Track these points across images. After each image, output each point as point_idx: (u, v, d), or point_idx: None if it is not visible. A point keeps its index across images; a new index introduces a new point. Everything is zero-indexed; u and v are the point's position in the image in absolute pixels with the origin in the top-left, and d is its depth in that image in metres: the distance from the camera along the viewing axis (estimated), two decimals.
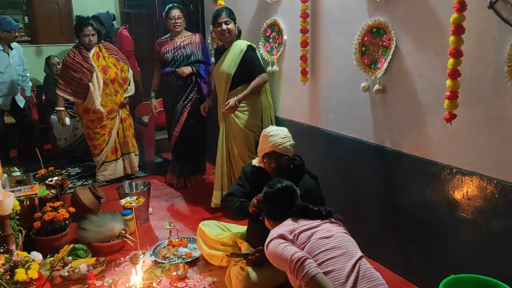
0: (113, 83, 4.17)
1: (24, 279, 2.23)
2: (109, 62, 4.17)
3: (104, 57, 4.15)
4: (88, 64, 4.01)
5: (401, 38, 2.44)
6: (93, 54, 4.08)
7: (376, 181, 2.76)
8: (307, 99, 3.30)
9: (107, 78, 4.11)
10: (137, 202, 2.92)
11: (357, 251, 2.00)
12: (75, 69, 3.99)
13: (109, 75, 4.13)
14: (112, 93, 4.17)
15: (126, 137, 4.38)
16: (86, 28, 4.00)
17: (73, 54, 4.03)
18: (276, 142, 2.51)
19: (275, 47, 3.55)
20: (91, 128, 4.21)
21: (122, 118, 4.33)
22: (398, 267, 2.71)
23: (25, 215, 2.97)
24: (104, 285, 2.63)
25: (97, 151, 4.27)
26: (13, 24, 4.63)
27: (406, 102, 2.48)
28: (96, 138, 4.22)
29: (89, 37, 4.00)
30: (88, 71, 4.00)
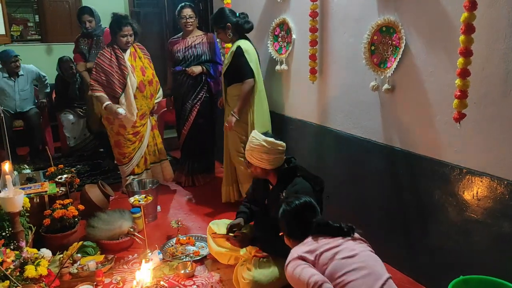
0: (150, 84, 3.94)
1: (33, 276, 2.25)
2: (145, 63, 3.95)
3: (140, 57, 3.94)
4: (123, 66, 3.75)
5: (411, 37, 2.42)
6: (129, 55, 3.84)
7: (385, 181, 2.75)
8: (316, 98, 3.29)
9: (145, 80, 3.87)
10: (145, 200, 2.93)
11: (383, 271, 1.88)
12: (111, 71, 3.73)
13: (147, 76, 3.90)
14: (148, 95, 3.93)
15: (155, 145, 4.15)
16: (125, 27, 3.71)
17: (109, 55, 3.76)
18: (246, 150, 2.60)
19: (283, 46, 3.54)
20: (122, 134, 3.86)
21: (153, 126, 4.11)
22: (406, 267, 2.69)
23: (35, 212, 3.00)
24: (113, 283, 2.65)
25: (126, 160, 3.95)
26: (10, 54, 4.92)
27: (416, 102, 2.47)
28: (126, 146, 3.89)
29: (127, 38, 3.73)
30: (123, 73, 3.74)
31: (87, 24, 4.45)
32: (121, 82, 3.75)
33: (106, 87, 3.75)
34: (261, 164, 2.53)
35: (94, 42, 4.54)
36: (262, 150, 2.48)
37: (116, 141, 3.91)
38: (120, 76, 3.74)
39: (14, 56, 4.94)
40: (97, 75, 3.76)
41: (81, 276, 2.66)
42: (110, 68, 3.73)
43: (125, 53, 3.80)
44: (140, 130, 3.92)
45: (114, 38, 3.77)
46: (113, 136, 3.91)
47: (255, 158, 2.53)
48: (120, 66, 3.74)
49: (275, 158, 2.51)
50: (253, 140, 2.56)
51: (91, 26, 4.47)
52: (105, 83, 3.75)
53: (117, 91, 3.74)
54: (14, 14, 6.91)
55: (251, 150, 2.55)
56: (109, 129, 3.92)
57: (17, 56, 4.96)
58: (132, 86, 3.77)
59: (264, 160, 2.50)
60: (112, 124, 3.85)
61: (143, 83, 3.85)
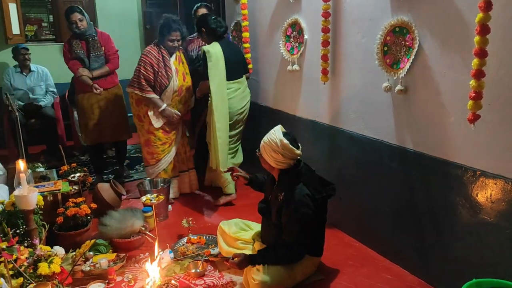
0: (188, 91, 3.87)
1: (46, 273, 2.28)
2: (186, 68, 3.89)
3: (183, 62, 3.87)
4: (169, 68, 3.68)
5: (425, 37, 2.40)
6: (175, 58, 3.77)
7: (397, 182, 2.73)
8: (328, 99, 3.28)
9: (184, 85, 3.81)
10: (157, 200, 2.95)
11: None
12: (158, 70, 3.64)
13: (187, 82, 3.85)
14: (183, 101, 3.86)
15: (185, 153, 4.06)
16: (175, 32, 3.64)
17: (156, 53, 3.67)
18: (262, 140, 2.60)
19: (295, 46, 3.54)
20: (152, 132, 3.77)
21: (183, 133, 4.03)
22: (418, 269, 2.67)
23: (49, 210, 3.04)
24: (124, 281, 2.67)
25: (153, 161, 3.84)
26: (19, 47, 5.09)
27: (429, 103, 2.45)
28: (156, 146, 3.80)
29: (174, 43, 3.67)
30: (168, 75, 3.67)
31: (78, 23, 4.03)
32: (163, 84, 3.67)
33: (151, 87, 3.67)
34: (269, 159, 2.52)
35: (90, 45, 4.09)
36: (274, 148, 2.47)
37: (146, 140, 3.83)
38: (164, 77, 3.66)
39: (23, 49, 5.12)
40: (147, 75, 3.63)
41: (93, 274, 2.69)
42: (158, 67, 3.64)
43: (171, 55, 3.74)
44: (169, 130, 3.84)
45: (162, 39, 3.69)
46: (144, 135, 3.84)
47: (266, 151, 2.52)
48: (165, 67, 3.67)
49: (284, 161, 2.49)
50: (271, 134, 2.53)
51: (83, 25, 4.05)
52: (152, 82, 3.66)
53: (157, 92, 3.68)
54: (29, 14, 7.02)
55: (265, 143, 2.53)
56: (140, 127, 3.85)
57: (26, 49, 5.12)
58: (173, 89, 3.72)
59: (273, 158, 2.50)
60: (143, 122, 3.79)
61: (182, 88, 3.79)
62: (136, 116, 3.83)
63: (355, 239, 3.15)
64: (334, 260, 2.86)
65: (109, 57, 4.19)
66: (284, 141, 2.45)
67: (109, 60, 4.19)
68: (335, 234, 3.23)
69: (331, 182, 2.67)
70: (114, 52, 4.24)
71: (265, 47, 4.07)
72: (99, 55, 4.14)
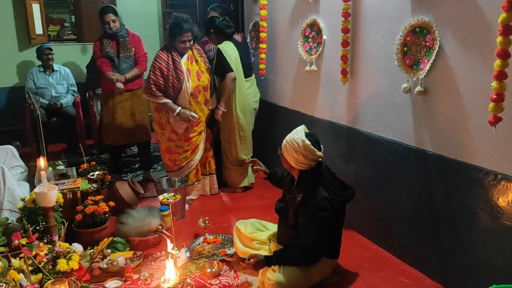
0: (205, 90, 3.75)
1: (65, 270, 2.31)
2: (202, 66, 3.75)
3: (197, 60, 3.74)
4: (179, 71, 3.59)
5: (446, 38, 2.36)
6: (187, 58, 3.66)
7: (416, 185, 2.69)
8: (346, 100, 3.25)
9: (200, 85, 3.68)
10: (174, 199, 2.96)
11: None
12: (168, 75, 3.58)
13: (202, 81, 3.71)
14: (202, 101, 3.74)
15: (205, 158, 3.97)
16: (186, 33, 3.55)
17: (166, 57, 3.60)
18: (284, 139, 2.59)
19: (314, 47, 3.52)
20: (173, 140, 3.75)
21: (206, 137, 3.92)
22: (436, 274, 2.62)
23: (68, 207, 3.09)
24: (141, 279, 2.69)
25: (175, 167, 3.81)
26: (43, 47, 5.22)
27: (449, 104, 2.40)
28: (178, 153, 3.77)
29: (185, 43, 3.59)
30: (179, 78, 3.58)
31: (111, 24, 4.04)
32: (176, 88, 3.60)
33: (162, 91, 3.62)
34: (290, 159, 2.51)
35: (121, 45, 4.12)
36: (296, 148, 2.45)
37: (167, 147, 3.79)
38: (175, 81, 3.59)
39: (47, 49, 5.24)
40: (157, 80, 3.60)
41: (111, 271, 2.71)
42: (168, 72, 3.58)
43: (182, 56, 3.65)
44: (192, 138, 3.76)
45: (172, 41, 3.62)
46: (164, 142, 3.80)
47: (288, 151, 2.50)
48: (176, 70, 3.59)
49: (304, 162, 2.47)
50: (294, 134, 2.52)
51: (116, 26, 4.07)
52: (163, 88, 3.61)
53: (171, 96, 3.63)
54: (52, 15, 7.14)
55: (287, 142, 2.51)
56: (160, 134, 3.81)
57: (50, 49, 5.25)
58: (187, 92, 3.62)
59: (294, 158, 2.47)
60: (164, 129, 3.74)
61: (198, 89, 3.67)
62: (157, 123, 3.78)
63: (372, 241, 3.12)
64: (351, 262, 2.84)
65: (138, 59, 4.18)
66: (306, 142, 2.43)
67: (138, 62, 4.19)
68: (352, 236, 3.20)
69: (351, 186, 2.64)
70: (144, 55, 4.24)
71: (283, 48, 4.06)
72: (128, 56, 4.15)
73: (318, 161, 2.51)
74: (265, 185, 3.77)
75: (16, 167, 3.56)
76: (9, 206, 2.90)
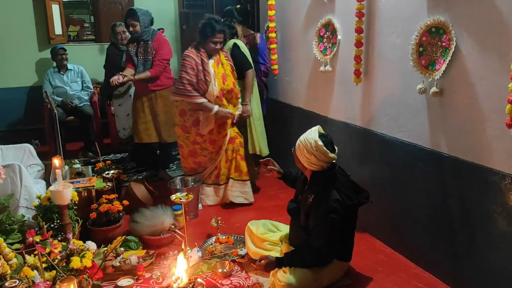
0: (230, 93, 3.67)
1: (78, 267, 2.34)
2: (227, 70, 3.68)
3: (222, 63, 3.66)
4: (207, 72, 3.51)
5: (462, 38, 2.31)
6: (214, 61, 3.59)
7: (430, 187, 2.64)
8: (360, 101, 3.22)
9: (224, 88, 3.61)
10: (186, 198, 2.97)
11: None
12: (197, 75, 3.50)
13: (227, 84, 3.63)
14: (226, 105, 3.67)
15: (234, 159, 3.81)
16: (219, 34, 3.49)
17: (196, 56, 3.52)
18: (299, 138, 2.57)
19: (328, 47, 3.49)
20: (199, 143, 3.68)
21: (231, 137, 3.78)
22: (450, 278, 2.57)
23: (83, 205, 3.13)
24: (153, 278, 2.70)
25: (201, 169, 3.78)
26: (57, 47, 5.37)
27: (465, 106, 2.35)
28: (203, 155, 3.72)
29: (217, 45, 3.52)
30: (206, 80, 3.51)
31: (131, 28, 4.06)
32: (201, 89, 3.52)
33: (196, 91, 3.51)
34: (302, 159, 2.49)
35: (142, 48, 4.14)
36: (308, 149, 2.42)
37: (191, 151, 3.73)
38: (202, 82, 3.51)
39: (60, 49, 5.38)
40: (191, 79, 3.49)
41: (123, 270, 2.74)
42: (197, 71, 3.51)
43: (211, 58, 3.59)
44: (217, 140, 3.70)
45: (202, 41, 3.53)
46: (188, 146, 3.72)
47: (300, 151, 2.48)
48: (204, 71, 3.52)
49: (317, 163, 2.44)
50: (307, 134, 2.49)
51: (135, 30, 4.05)
52: (196, 87, 3.51)
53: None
54: (72, 15, 7.27)
55: (300, 142, 2.48)
56: (184, 138, 3.73)
57: (64, 50, 5.38)
58: (213, 94, 3.55)
59: (306, 158, 2.45)
60: (189, 133, 3.68)
61: (222, 92, 3.60)
62: (180, 127, 3.72)
63: (386, 244, 3.08)
64: (364, 265, 2.80)
65: (154, 62, 4.13)
66: (319, 143, 2.40)
67: (153, 65, 4.14)
68: (365, 238, 3.17)
69: (365, 189, 2.60)
70: (160, 59, 4.13)
71: (298, 48, 4.04)
72: (147, 60, 4.13)
73: (331, 162, 2.49)
74: (278, 185, 3.76)
75: (33, 165, 3.63)
76: (26, 204, 2.96)
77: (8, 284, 1.99)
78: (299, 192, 2.69)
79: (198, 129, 3.62)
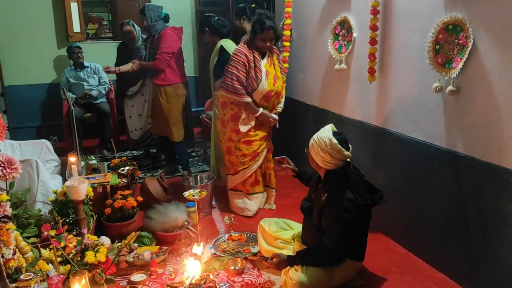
0: (277, 96, 3.52)
1: (92, 262, 2.37)
2: (278, 71, 3.51)
3: (274, 65, 3.50)
4: (258, 69, 3.36)
5: (480, 36, 2.27)
6: (267, 61, 3.44)
7: (446, 187, 2.60)
8: (375, 99, 3.19)
9: (273, 90, 3.43)
10: (199, 195, 2.99)
11: None
12: (247, 71, 3.34)
13: (277, 86, 3.47)
14: (270, 107, 3.52)
15: (266, 169, 3.71)
16: (268, 31, 3.31)
17: (247, 52, 3.35)
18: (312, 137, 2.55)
19: (344, 45, 3.46)
20: (233, 141, 3.52)
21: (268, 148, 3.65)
22: (465, 280, 2.53)
23: (98, 201, 3.17)
24: (165, 273, 2.73)
25: (232, 171, 3.61)
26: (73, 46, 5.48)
27: (483, 105, 2.31)
28: (236, 156, 3.54)
29: (266, 42, 3.34)
30: (257, 78, 3.35)
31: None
32: (251, 86, 3.37)
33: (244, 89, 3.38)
34: (316, 158, 2.47)
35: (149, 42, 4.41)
36: (323, 147, 2.40)
37: (228, 147, 3.59)
38: (253, 79, 3.35)
39: (76, 47, 5.48)
40: (239, 75, 3.34)
41: (136, 265, 2.76)
42: (249, 68, 3.35)
43: (263, 57, 3.44)
44: (253, 141, 3.51)
45: (253, 38, 3.37)
46: (225, 142, 3.59)
47: (314, 150, 2.46)
48: (255, 68, 3.36)
49: (331, 161, 2.42)
50: (321, 132, 2.47)
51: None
52: (244, 85, 3.37)
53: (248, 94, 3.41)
54: (91, 13, 7.35)
55: (314, 141, 2.46)
56: (222, 134, 3.61)
57: (79, 48, 5.49)
58: (261, 93, 3.39)
59: (320, 157, 2.43)
60: (226, 128, 3.54)
61: (271, 93, 3.44)
62: (220, 121, 3.59)
63: (400, 244, 3.04)
64: (377, 265, 2.78)
65: (156, 55, 4.20)
66: (333, 141, 2.38)
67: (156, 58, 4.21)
68: (379, 238, 3.14)
69: (379, 189, 2.57)
70: (160, 52, 4.17)
71: (313, 46, 4.02)
72: (152, 54, 4.27)
73: (345, 161, 2.47)
74: (291, 184, 3.74)
75: (50, 160, 3.68)
76: (42, 198, 3.01)
77: (23, 277, 2.03)
78: (313, 191, 2.68)
79: (236, 124, 3.45)
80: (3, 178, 2.50)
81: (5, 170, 2.48)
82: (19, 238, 2.28)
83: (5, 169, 2.48)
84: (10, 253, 2.09)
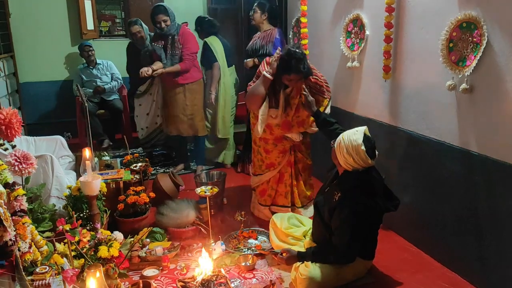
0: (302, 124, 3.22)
1: (106, 256, 2.39)
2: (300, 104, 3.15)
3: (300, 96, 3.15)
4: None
5: (494, 34, 2.25)
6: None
7: (459, 187, 2.59)
8: (388, 97, 3.17)
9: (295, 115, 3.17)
10: (211, 192, 3.01)
11: None
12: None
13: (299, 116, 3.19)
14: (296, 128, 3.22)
15: (294, 186, 3.36)
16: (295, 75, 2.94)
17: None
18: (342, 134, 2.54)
19: (356, 43, 3.45)
20: (257, 144, 3.41)
21: (298, 159, 3.32)
22: (478, 279, 2.52)
23: (111, 197, 3.21)
24: (177, 269, 2.75)
25: (252, 170, 3.63)
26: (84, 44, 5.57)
27: (496, 103, 2.29)
28: (256, 158, 3.45)
29: (291, 82, 3.02)
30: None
31: (162, 24, 4.05)
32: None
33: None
34: (339, 157, 2.45)
35: (170, 43, 4.16)
36: (348, 149, 2.38)
37: (253, 148, 3.49)
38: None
39: (86, 46, 5.56)
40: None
41: (149, 260, 2.80)
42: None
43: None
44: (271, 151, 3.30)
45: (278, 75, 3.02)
46: (253, 142, 3.48)
47: (340, 149, 2.43)
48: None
49: (353, 164, 2.40)
50: (352, 134, 2.42)
51: (167, 25, 4.06)
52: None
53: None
54: (104, 11, 7.41)
55: (343, 140, 2.43)
56: (253, 133, 3.43)
57: (90, 46, 5.57)
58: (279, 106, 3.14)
59: (343, 157, 2.42)
60: (253, 130, 3.38)
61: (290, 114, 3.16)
62: (254, 117, 3.34)
63: (411, 243, 3.03)
64: (388, 263, 2.77)
65: (183, 56, 4.16)
66: (361, 147, 2.34)
67: (183, 59, 4.17)
68: (390, 237, 3.13)
69: (397, 197, 2.56)
70: (189, 53, 4.17)
71: (325, 43, 4.01)
72: (175, 54, 4.17)
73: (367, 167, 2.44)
74: None
75: (64, 156, 3.73)
76: (57, 194, 3.05)
77: (38, 270, 2.07)
78: (328, 184, 2.67)
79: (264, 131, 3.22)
80: (19, 173, 2.54)
81: (21, 166, 2.52)
82: (34, 232, 2.31)
83: (21, 164, 2.52)
84: (26, 247, 2.13)
